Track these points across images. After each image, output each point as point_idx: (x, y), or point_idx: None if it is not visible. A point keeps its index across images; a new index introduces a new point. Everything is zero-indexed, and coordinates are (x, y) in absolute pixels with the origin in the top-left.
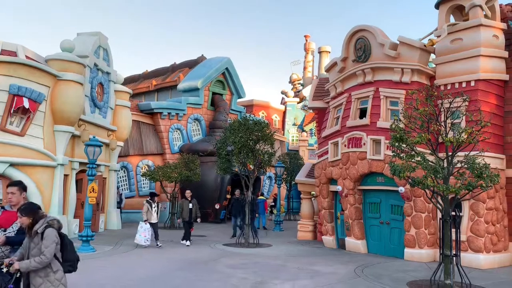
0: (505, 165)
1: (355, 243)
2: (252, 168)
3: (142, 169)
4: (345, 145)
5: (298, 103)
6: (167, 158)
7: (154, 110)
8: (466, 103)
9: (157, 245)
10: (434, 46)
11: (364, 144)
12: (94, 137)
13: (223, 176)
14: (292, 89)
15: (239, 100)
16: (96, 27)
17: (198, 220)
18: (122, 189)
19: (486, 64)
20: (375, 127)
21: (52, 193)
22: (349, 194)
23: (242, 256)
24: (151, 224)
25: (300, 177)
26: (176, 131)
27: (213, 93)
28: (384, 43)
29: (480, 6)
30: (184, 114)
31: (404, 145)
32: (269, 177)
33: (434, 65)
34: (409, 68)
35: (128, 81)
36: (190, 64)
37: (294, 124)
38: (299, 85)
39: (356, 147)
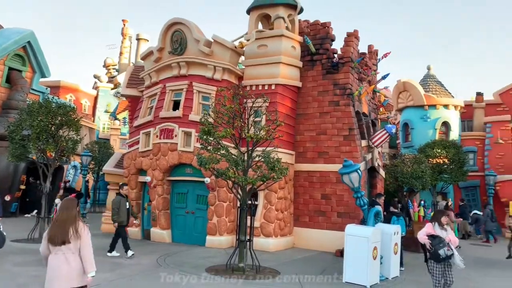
0: (294, 160)
1: (160, 233)
2: (53, 156)
3: None
4: (157, 136)
5: (112, 89)
6: None
7: None
8: (267, 104)
9: None
10: (244, 48)
11: (176, 135)
12: None
13: (17, 164)
14: (106, 74)
15: (42, 79)
16: None
17: (136, 221)
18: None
19: (285, 71)
20: (187, 120)
21: None
22: (157, 184)
23: (35, 252)
24: None
25: (108, 167)
26: None
27: (10, 69)
28: (199, 39)
29: (283, 18)
30: None
31: (212, 139)
32: (74, 167)
33: (243, 67)
34: (220, 66)
35: None
36: None
37: (106, 111)
38: (114, 70)
39: (168, 138)
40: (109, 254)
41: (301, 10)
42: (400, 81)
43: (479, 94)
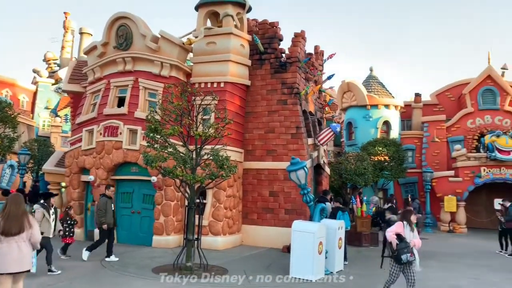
0: (243, 158)
1: None
2: None
3: None
4: (100, 134)
5: (53, 84)
6: None
7: None
8: (216, 101)
9: (51, 271)
10: (192, 45)
11: (121, 133)
12: None
13: None
14: (46, 68)
15: None
16: None
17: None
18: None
19: (234, 69)
20: (133, 117)
21: None
22: (101, 184)
23: None
24: (47, 239)
25: (49, 166)
26: None
27: None
28: (146, 35)
29: (232, 16)
30: None
31: (158, 136)
32: (11, 166)
33: (192, 64)
34: (168, 63)
35: None
36: None
37: (46, 108)
38: (55, 65)
39: (112, 136)
40: (107, 259)
41: (250, 9)
42: (344, 81)
43: (417, 95)
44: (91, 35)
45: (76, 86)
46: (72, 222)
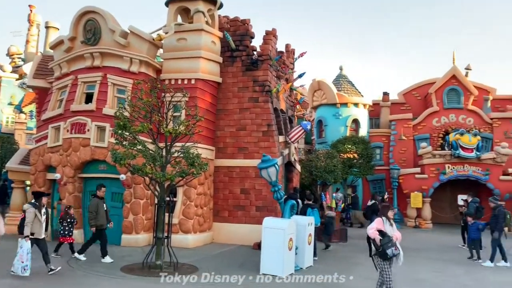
0: (214, 155)
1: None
2: None
3: None
4: (67, 130)
5: (17, 79)
6: None
7: None
8: (186, 98)
9: (50, 270)
10: (163, 41)
11: (88, 130)
12: None
13: None
14: (10, 63)
15: None
16: None
17: (110, 225)
18: None
19: (205, 65)
20: (101, 114)
21: None
22: (68, 182)
23: None
24: (37, 240)
25: (13, 164)
26: None
27: None
28: (115, 30)
29: (203, 13)
30: None
31: (127, 133)
32: None
33: (162, 60)
34: (137, 58)
35: None
36: None
37: (10, 104)
38: (19, 59)
39: (80, 133)
40: (76, 255)
41: (221, 6)
42: (315, 80)
43: (385, 94)
44: (58, 29)
45: (42, 82)
46: (72, 221)
